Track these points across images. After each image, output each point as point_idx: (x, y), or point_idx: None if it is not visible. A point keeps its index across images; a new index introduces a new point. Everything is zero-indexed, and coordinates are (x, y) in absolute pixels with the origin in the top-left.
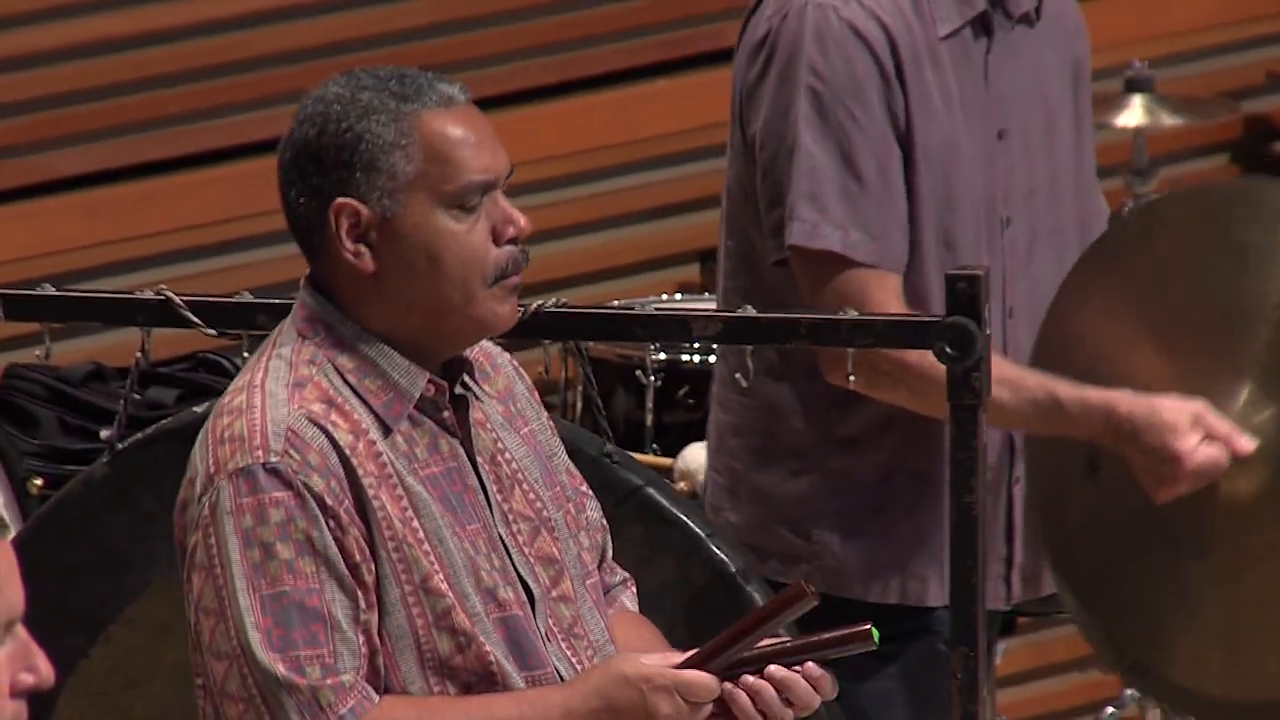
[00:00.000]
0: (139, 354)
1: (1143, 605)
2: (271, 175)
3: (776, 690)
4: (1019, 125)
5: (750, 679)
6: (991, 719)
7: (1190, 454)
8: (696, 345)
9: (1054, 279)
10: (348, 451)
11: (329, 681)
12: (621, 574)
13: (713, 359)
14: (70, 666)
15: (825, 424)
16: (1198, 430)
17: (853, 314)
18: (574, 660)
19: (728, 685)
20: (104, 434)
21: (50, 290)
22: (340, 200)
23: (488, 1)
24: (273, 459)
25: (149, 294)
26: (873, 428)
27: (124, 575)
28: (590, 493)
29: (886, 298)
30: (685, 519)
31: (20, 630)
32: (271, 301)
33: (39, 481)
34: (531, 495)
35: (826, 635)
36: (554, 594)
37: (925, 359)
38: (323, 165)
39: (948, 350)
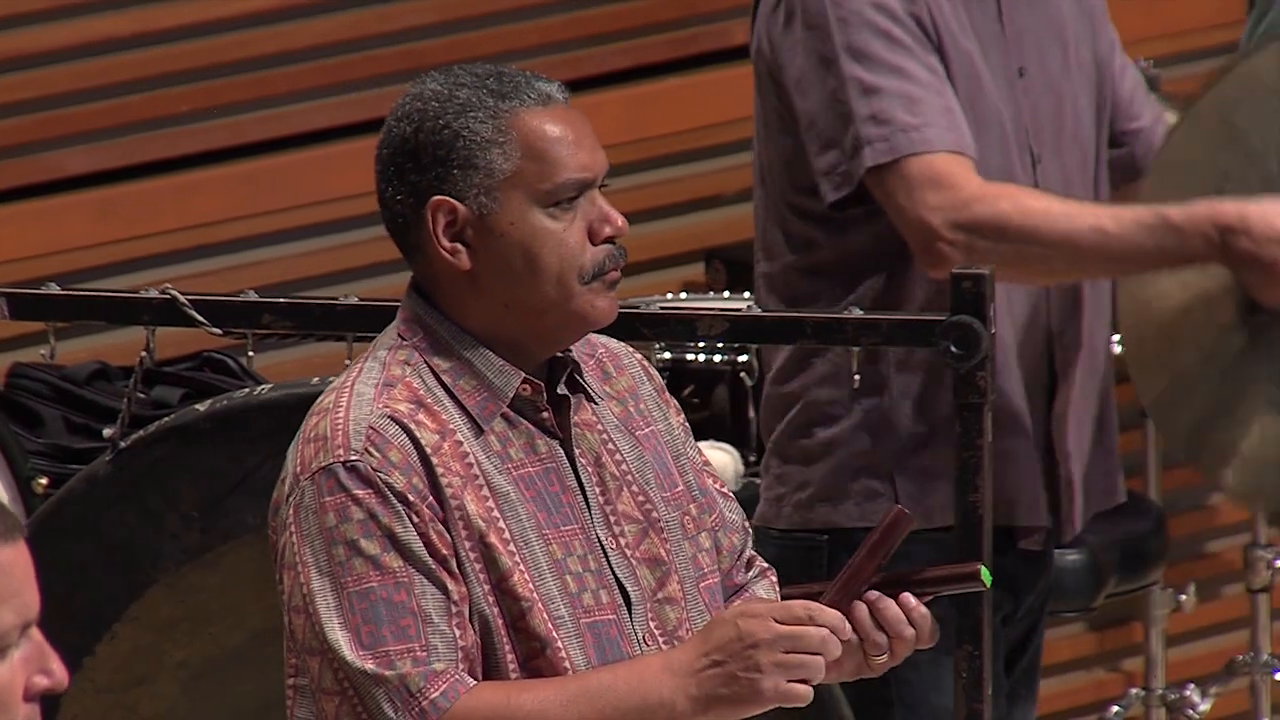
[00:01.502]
0: (144, 353)
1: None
2: (275, 175)
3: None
4: (1038, 65)
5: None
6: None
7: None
8: (702, 344)
9: None
10: (429, 450)
11: (419, 670)
12: (760, 567)
13: (718, 358)
14: (75, 664)
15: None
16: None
17: (858, 313)
18: (665, 646)
19: (848, 627)
20: (107, 432)
21: (55, 289)
22: (437, 198)
23: (491, 1)
24: (353, 457)
25: (154, 293)
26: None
27: (128, 573)
28: (730, 494)
29: (968, 173)
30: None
31: (35, 633)
32: (277, 301)
33: (44, 480)
34: (641, 497)
35: (933, 571)
36: (659, 595)
37: (1018, 207)
38: (420, 162)
39: (953, 349)
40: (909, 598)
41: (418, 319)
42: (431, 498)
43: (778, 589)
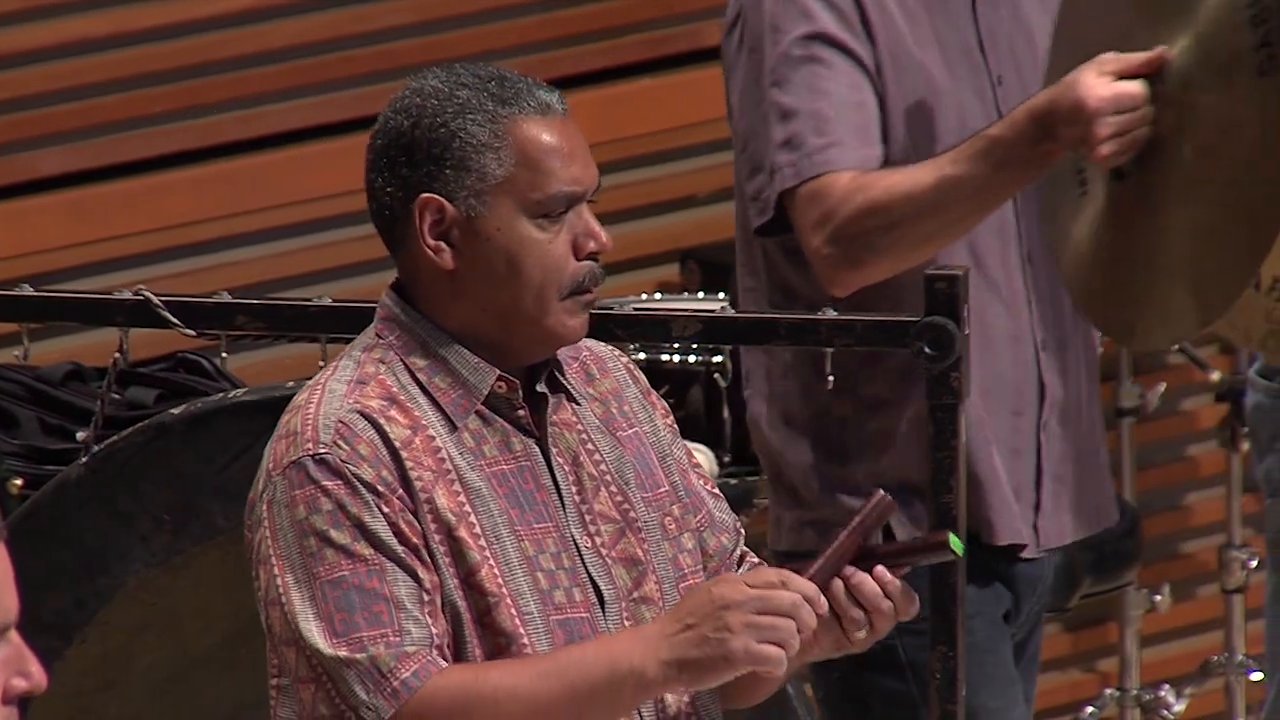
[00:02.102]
0: (117, 354)
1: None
2: (250, 175)
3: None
4: (1013, 73)
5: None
6: None
7: (1090, 87)
8: (676, 345)
9: None
10: (399, 445)
11: (391, 651)
12: (751, 561)
13: (692, 359)
14: (45, 668)
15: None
16: (1101, 73)
17: (831, 314)
18: None
19: (824, 600)
20: (80, 435)
21: (29, 290)
22: (426, 195)
23: (468, 1)
24: (321, 450)
25: (127, 294)
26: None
27: (99, 577)
28: (720, 494)
29: (838, 179)
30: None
31: (14, 635)
32: (250, 302)
33: (19, 482)
34: (619, 497)
35: (903, 542)
36: (635, 595)
37: (876, 191)
38: (413, 158)
39: (926, 350)
40: (883, 571)
41: (395, 318)
42: (401, 489)
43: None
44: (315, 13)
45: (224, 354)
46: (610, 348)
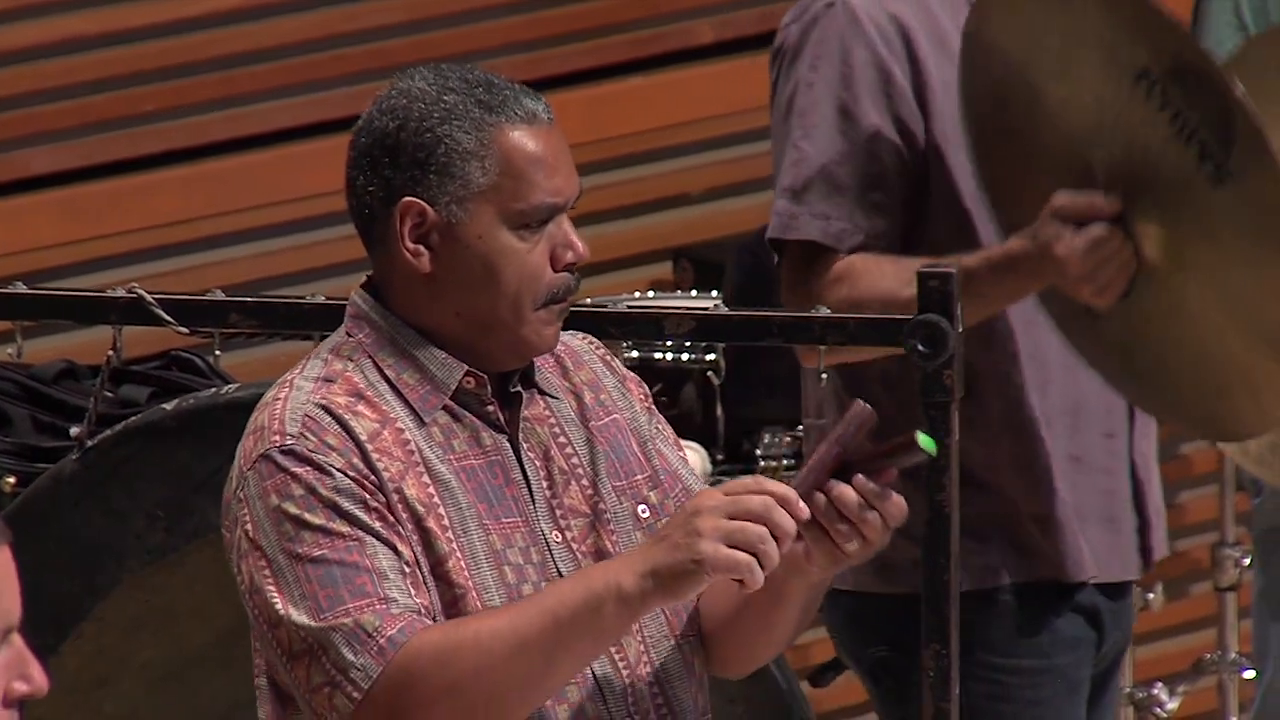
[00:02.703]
0: (111, 352)
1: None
2: (240, 173)
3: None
4: None
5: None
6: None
7: (1065, 248)
8: (669, 343)
9: None
10: (366, 438)
11: (374, 612)
12: None
13: (686, 357)
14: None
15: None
16: (1062, 225)
17: (825, 312)
18: (618, 656)
19: (803, 505)
20: (74, 431)
21: (22, 289)
22: (409, 199)
23: (457, 0)
24: (289, 441)
25: (120, 292)
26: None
27: (93, 573)
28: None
29: (831, 262)
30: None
31: (16, 638)
32: (243, 300)
33: (12, 479)
34: (590, 490)
35: (875, 447)
36: None
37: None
38: (398, 160)
39: (920, 348)
40: (863, 480)
41: (364, 315)
42: (372, 475)
43: None
44: (305, 12)
45: (217, 352)
46: (584, 338)
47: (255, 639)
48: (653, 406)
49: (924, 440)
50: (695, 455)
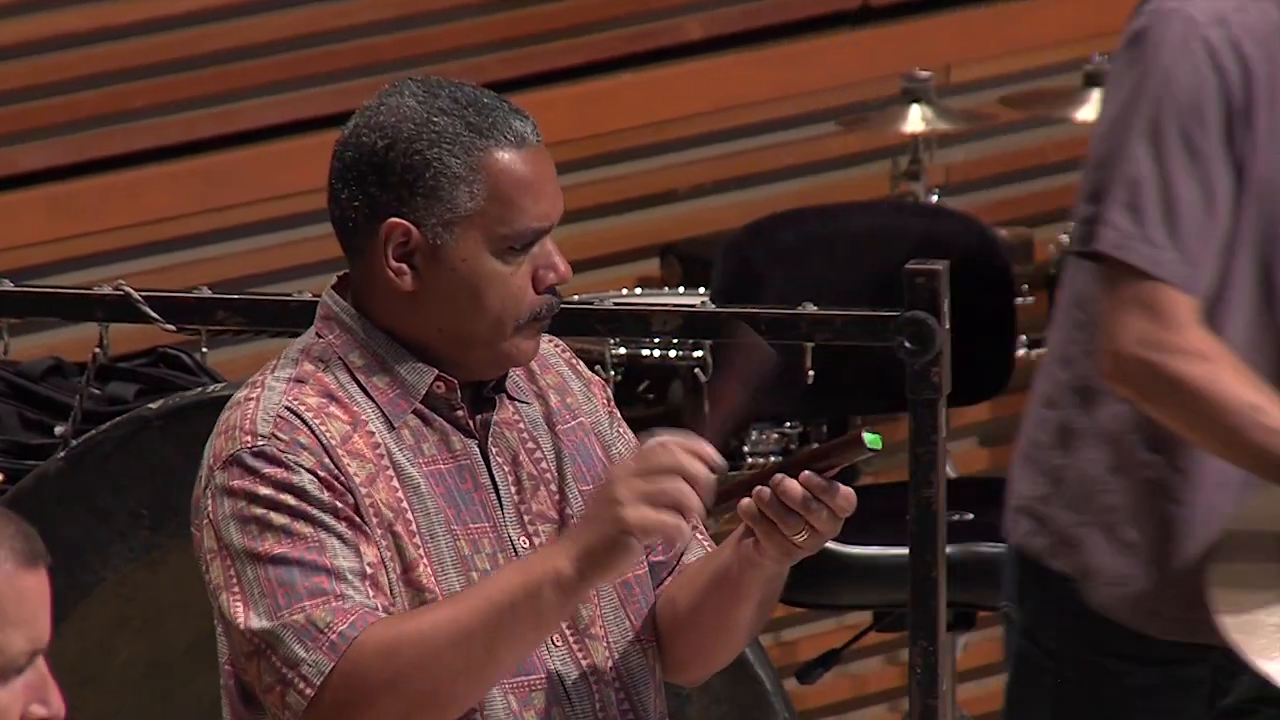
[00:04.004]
0: (97, 349)
1: None
2: (229, 170)
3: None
4: None
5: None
6: (952, 713)
7: None
8: (656, 340)
9: None
10: (338, 441)
11: (327, 609)
12: (697, 538)
13: (673, 353)
14: None
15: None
16: None
17: (811, 309)
18: (583, 660)
19: (713, 451)
20: (59, 429)
21: (9, 286)
22: (395, 220)
23: None
24: (260, 442)
25: (108, 289)
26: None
27: (76, 571)
28: None
29: (1189, 319)
30: None
31: (41, 662)
32: (231, 297)
33: None
34: (558, 495)
35: (820, 446)
36: None
37: (1210, 377)
38: (385, 180)
39: (906, 345)
40: (809, 475)
41: (334, 317)
42: (342, 477)
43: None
44: (295, 8)
45: (204, 349)
46: (550, 340)
47: (220, 637)
48: (615, 410)
49: (870, 438)
50: None
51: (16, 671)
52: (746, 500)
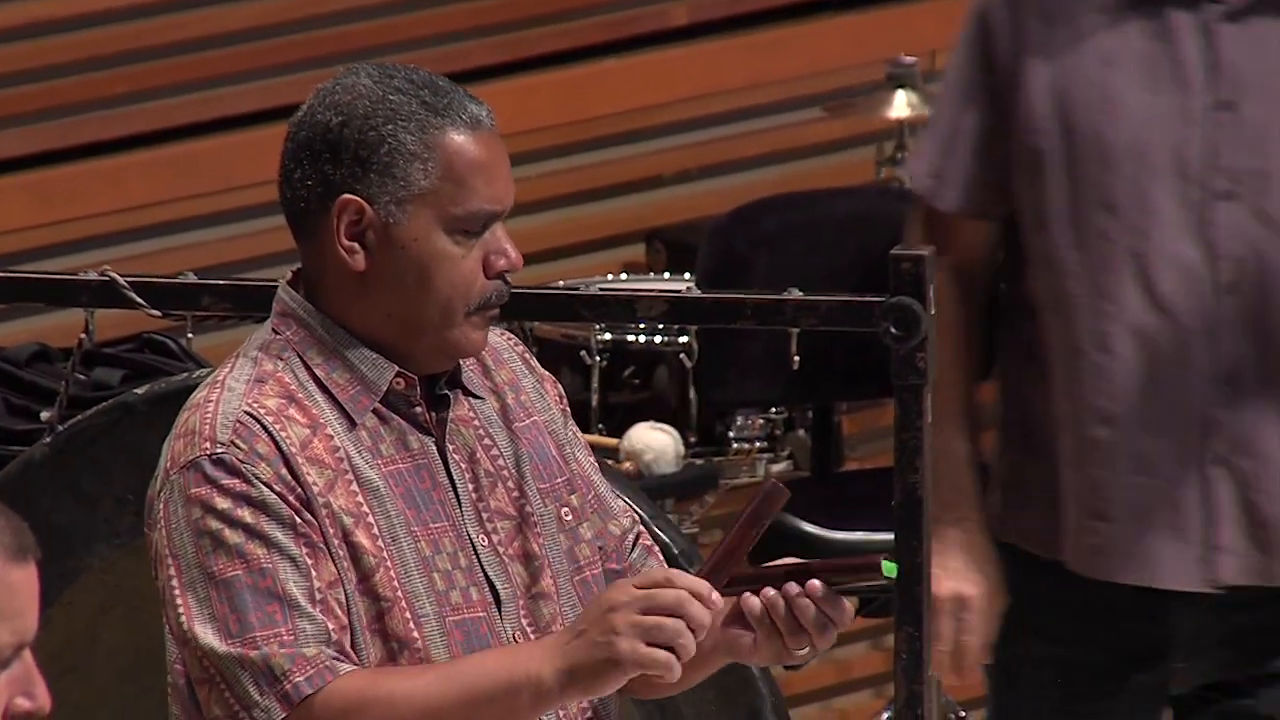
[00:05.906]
0: (82, 335)
1: None
2: (209, 157)
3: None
4: (1254, 105)
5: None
6: (937, 699)
7: None
8: (642, 325)
9: None
10: (298, 447)
11: (285, 652)
12: (644, 544)
13: (658, 339)
14: None
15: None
16: None
17: (797, 294)
18: None
19: (716, 595)
20: (44, 415)
21: None
22: (348, 196)
23: None
24: (219, 450)
25: (93, 275)
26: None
27: (62, 558)
28: (609, 484)
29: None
30: (628, 500)
31: (27, 655)
32: (215, 283)
33: None
34: (515, 492)
35: (837, 561)
36: (533, 591)
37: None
38: (339, 157)
39: (892, 330)
40: (816, 585)
41: (291, 313)
42: (299, 489)
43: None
44: None
45: (189, 335)
46: (504, 335)
47: (168, 637)
48: (567, 409)
49: (887, 567)
50: (668, 438)
51: (2, 665)
52: (753, 599)
